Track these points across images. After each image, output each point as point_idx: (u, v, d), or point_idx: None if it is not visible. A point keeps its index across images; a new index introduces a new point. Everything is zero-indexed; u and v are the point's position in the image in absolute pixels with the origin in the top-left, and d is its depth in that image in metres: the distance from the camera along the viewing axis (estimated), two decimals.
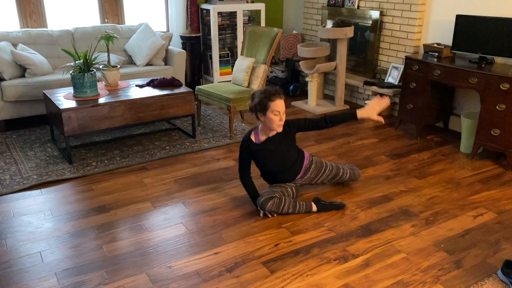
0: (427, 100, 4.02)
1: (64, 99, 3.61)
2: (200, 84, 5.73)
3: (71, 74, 3.58)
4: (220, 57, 5.54)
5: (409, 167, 3.55)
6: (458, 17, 3.87)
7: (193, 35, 5.41)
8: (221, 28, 5.49)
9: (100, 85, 4.01)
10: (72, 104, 3.50)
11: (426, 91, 3.98)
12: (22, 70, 4.31)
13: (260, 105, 2.72)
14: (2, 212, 2.86)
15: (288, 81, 5.67)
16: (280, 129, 2.80)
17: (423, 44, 4.20)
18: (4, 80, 4.15)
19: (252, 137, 2.85)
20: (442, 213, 2.87)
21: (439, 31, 4.31)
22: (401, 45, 4.61)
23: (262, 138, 2.84)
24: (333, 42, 5.22)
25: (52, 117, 3.79)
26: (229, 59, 5.67)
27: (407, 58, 4.13)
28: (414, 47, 4.48)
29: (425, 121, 4.13)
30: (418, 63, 4.00)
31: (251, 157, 2.88)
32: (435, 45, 4.14)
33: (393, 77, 4.66)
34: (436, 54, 4.01)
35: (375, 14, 4.78)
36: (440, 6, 4.25)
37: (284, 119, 2.78)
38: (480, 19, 3.73)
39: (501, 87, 3.38)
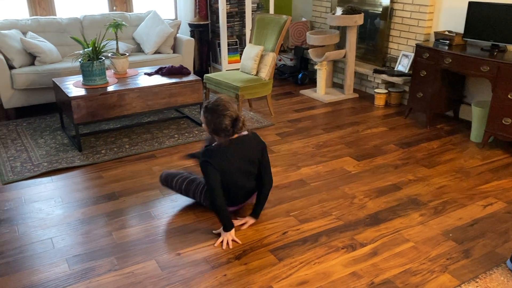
0: (438, 88, 3.97)
1: (74, 87, 3.63)
2: (208, 72, 5.72)
3: (80, 62, 3.59)
4: (228, 45, 5.51)
5: (418, 156, 3.53)
6: (471, 4, 3.80)
7: (202, 22, 5.39)
8: (229, 15, 5.45)
9: (109, 73, 4.01)
10: (81, 92, 3.52)
11: (436, 80, 3.94)
12: (32, 58, 4.33)
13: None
14: (14, 198, 2.90)
15: (296, 69, 5.64)
16: None
17: (434, 32, 4.14)
18: (14, 68, 4.17)
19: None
20: (451, 203, 2.86)
21: (450, 18, 4.24)
22: (411, 32, 4.55)
23: None
24: (342, 30, 5.17)
25: (61, 105, 3.81)
26: (237, 47, 5.64)
27: (417, 46, 4.07)
28: (424, 34, 4.42)
29: (435, 110, 4.09)
30: (428, 51, 3.95)
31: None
32: (447, 32, 4.08)
33: (403, 65, 4.61)
34: (447, 42, 3.96)
35: (386, 1, 4.71)
36: None
37: None
38: (493, 6, 3.66)
39: None
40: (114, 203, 2.85)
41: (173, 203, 2.86)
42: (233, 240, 2.46)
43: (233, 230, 2.49)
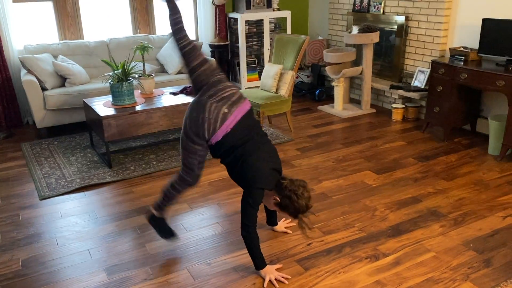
0: (454, 103, 4.07)
1: (104, 107, 3.82)
2: None
3: (110, 83, 3.78)
4: (247, 64, 5.69)
5: (437, 169, 3.61)
6: (485, 21, 3.91)
7: (222, 43, 5.59)
8: (248, 36, 5.65)
9: (136, 93, 4.20)
10: (111, 111, 3.71)
11: (452, 94, 4.04)
12: (62, 80, 4.56)
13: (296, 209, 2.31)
14: (51, 213, 3.07)
15: (313, 86, 5.78)
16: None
17: (449, 48, 4.26)
18: (46, 89, 4.40)
19: None
20: (471, 214, 2.93)
21: (465, 35, 4.35)
22: (427, 49, 4.67)
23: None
24: (358, 47, 5.31)
25: (92, 124, 4.00)
26: (256, 65, 5.82)
27: (433, 62, 4.19)
28: (440, 51, 4.53)
29: (452, 124, 4.17)
30: (444, 67, 4.06)
31: None
32: (462, 49, 4.19)
33: (419, 80, 4.72)
34: (463, 57, 4.06)
35: (401, 19, 4.85)
36: (466, 10, 4.30)
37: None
38: (507, 23, 3.76)
39: None
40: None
41: (201, 215, 2.99)
42: (281, 278, 2.34)
43: (272, 267, 2.39)
